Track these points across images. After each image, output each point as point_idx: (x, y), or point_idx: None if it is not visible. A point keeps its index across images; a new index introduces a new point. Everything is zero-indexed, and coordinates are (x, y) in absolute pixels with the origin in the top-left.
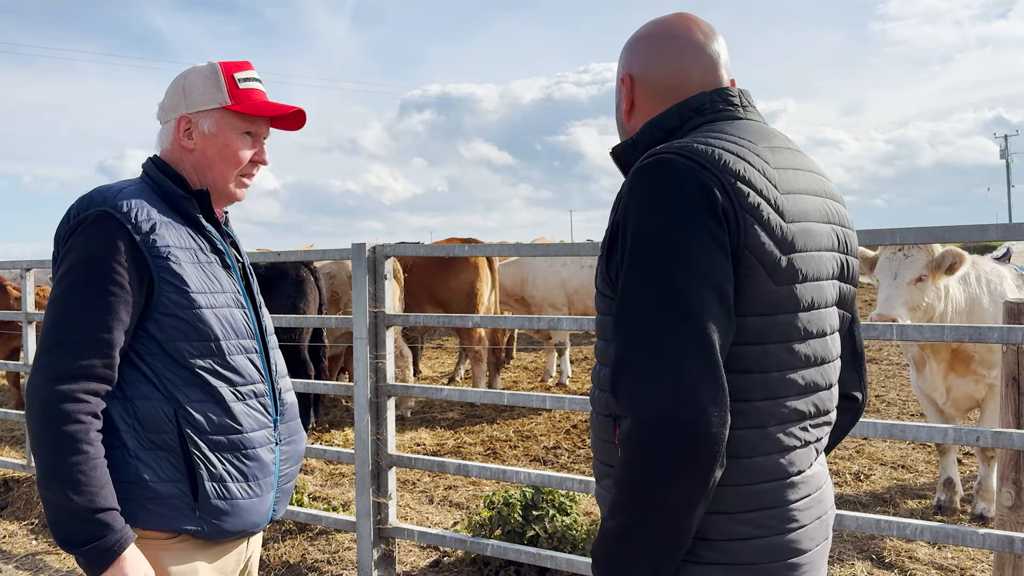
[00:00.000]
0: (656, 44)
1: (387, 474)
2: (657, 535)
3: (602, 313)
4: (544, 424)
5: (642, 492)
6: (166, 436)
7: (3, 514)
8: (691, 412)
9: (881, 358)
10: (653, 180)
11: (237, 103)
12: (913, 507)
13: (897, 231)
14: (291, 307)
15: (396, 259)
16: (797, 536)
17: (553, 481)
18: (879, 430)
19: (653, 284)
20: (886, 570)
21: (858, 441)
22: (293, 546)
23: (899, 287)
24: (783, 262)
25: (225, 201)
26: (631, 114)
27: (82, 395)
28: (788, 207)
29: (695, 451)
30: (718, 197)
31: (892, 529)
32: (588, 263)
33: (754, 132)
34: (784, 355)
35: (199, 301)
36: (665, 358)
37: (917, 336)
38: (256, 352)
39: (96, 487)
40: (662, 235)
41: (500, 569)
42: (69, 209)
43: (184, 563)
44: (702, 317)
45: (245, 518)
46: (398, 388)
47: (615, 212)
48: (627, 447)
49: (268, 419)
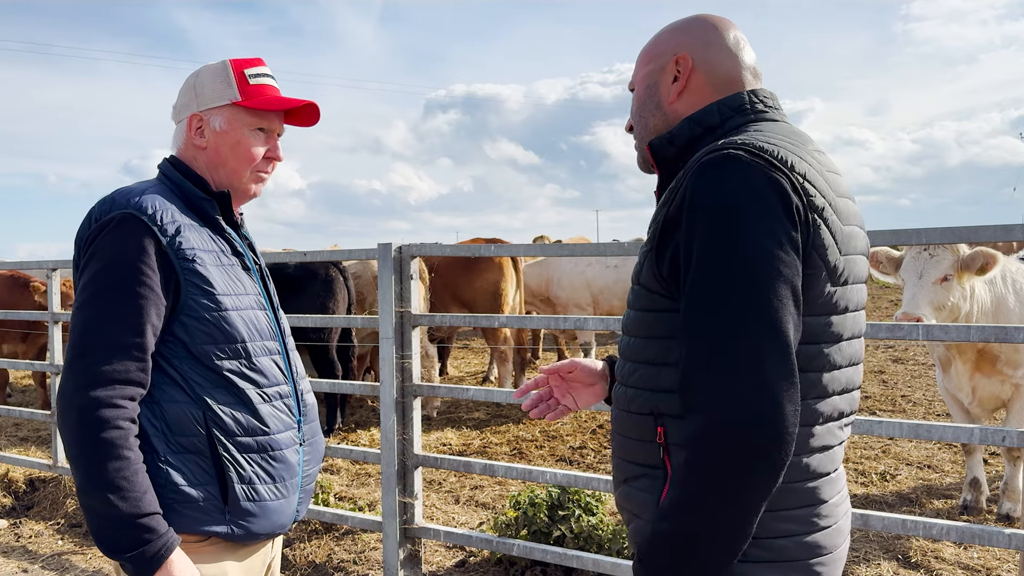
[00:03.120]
0: (717, 33)
1: (413, 474)
2: (724, 535)
3: (642, 310)
4: (570, 424)
5: (713, 491)
6: (195, 439)
7: (29, 514)
8: (770, 410)
9: (907, 358)
10: (725, 175)
11: (247, 98)
12: (939, 507)
13: (923, 231)
14: (320, 307)
15: (421, 259)
16: (833, 532)
17: (579, 481)
18: (905, 430)
19: (730, 281)
20: (912, 570)
21: (884, 441)
22: (319, 546)
23: (924, 287)
24: (840, 264)
25: (241, 198)
26: (680, 99)
27: (119, 400)
28: (840, 209)
29: (773, 449)
30: (791, 196)
31: (918, 529)
32: (614, 263)
33: (794, 134)
34: (834, 355)
35: (225, 303)
36: (744, 356)
37: (943, 336)
38: (279, 353)
39: (139, 492)
40: (739, 231)
41: (526, 569)
42: (90, 212)
43: (214, 565)
44: (781, 315)
45: (273, 519)
46: (424, 388)
47: (668, 205)
48: (699, 446)
49: (293, 420)
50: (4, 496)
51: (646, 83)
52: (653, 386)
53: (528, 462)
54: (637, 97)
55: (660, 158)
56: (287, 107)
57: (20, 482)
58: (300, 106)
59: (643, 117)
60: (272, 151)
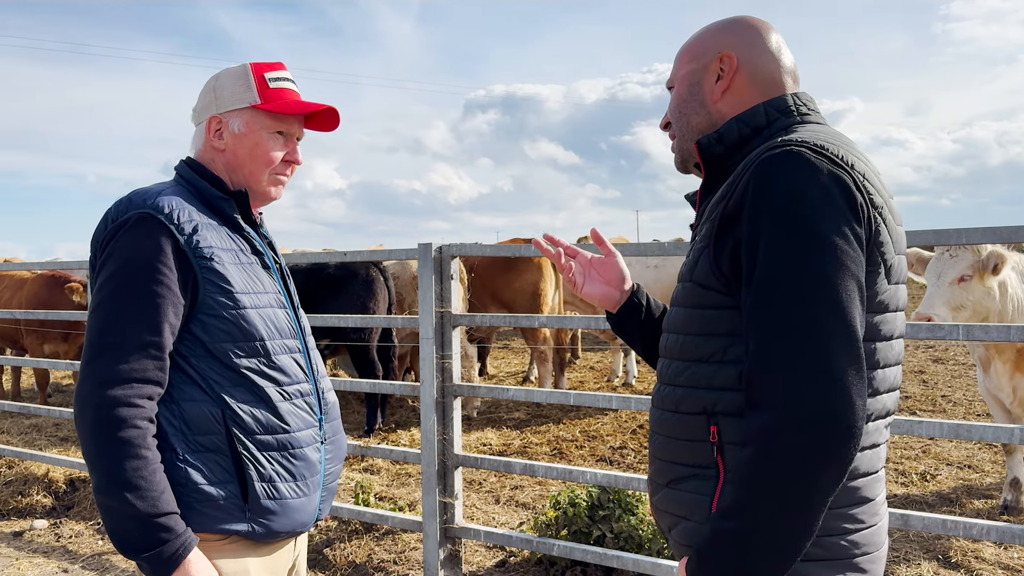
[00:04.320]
0: (759, 34)
1: (453, 474)
2: (791, 533)
3: (695, 307)
4: (610, 424)
5: (781, 488)
6: (214, 438)
7: (69, 514)
8: (841, 405)
9: (947, 358)
10: (790, 171)
11: (266, 102)
12: (979, 507)
13: (964, 231)
14: (361, 307)
15: (460, 260)
16: (879, 529)
17: (619, 481)
18: (945, 430)
19: (798, 276)
20: (952, 570)
21: (924, 441)
22: (359, 546)
23: (941, 287)
24: (895, 262)
25: (260, 201)
26: (723, 98)
27: (136, 400)
28: (893, 209)
29: (843, 445)
30: (855, 193)
31: (958, 529)
32: (654, 263)
33: (840, 136)
34: (886, 353)
35: (244, 302)
36: (814, 351)
37: (983, 336)
38: (300, 352)
39: (157, 492)
40: (806, 226)
41: (566, 569)
42: (107, 212)
43: (236, 563)
44: (850, 310)
45: (294, 518)
46: (464, 388)
47: (726, 201)
48: (767, 442)
49: (314, 418)
50: (44, 496)
51: (688, 81)
52: (707, 385)
53: (568, 462)
54: (677, 95)
55: (708, 157)
56: (306, 111)
57: (60, 482)
58: (320, 111)
59: (684, 115)
60: (291, 154)
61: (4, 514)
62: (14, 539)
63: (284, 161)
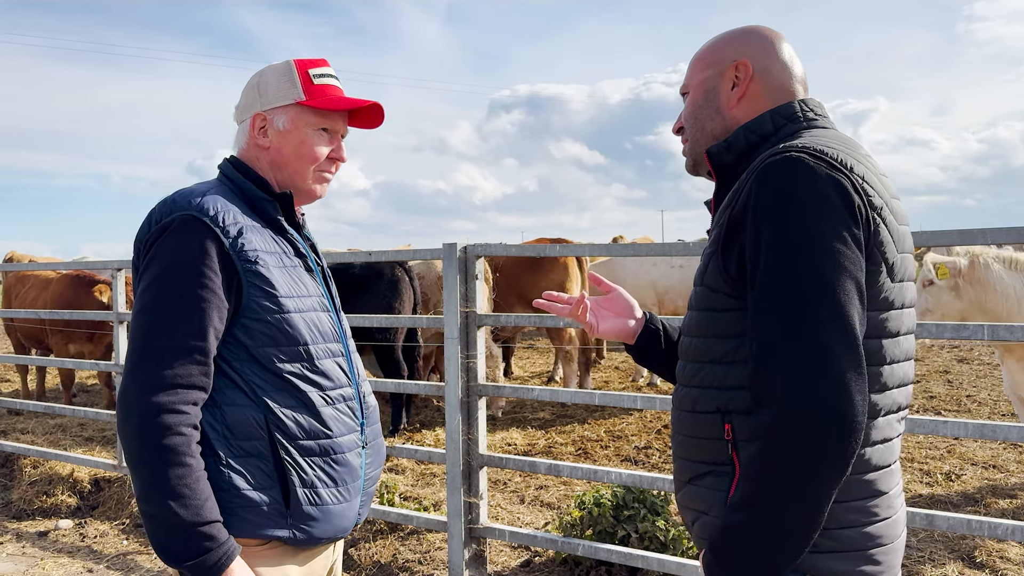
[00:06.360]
0: (773, 44)
1: (478, 474)
2: (797, 525)
3: (706, 310)
4: (635, 424)
5: (785, 482)
6: (257, 443)
7: (94, 514)
8: (841, 401)
9: (972, 358)
10: (789, 176)
11: (312, 98)
12: (1004, 507)
13: (988, 231)
14: (386, 307)
15: (485, 259)
16: (894, 522)
17: (644, 481)
18: (970, 430)
19: (797, 277)
20: (977, 570)
21: (949, 441)
22: (384, 546)
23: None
24: (898, 260)
25: (305, 199)
26: (739, 104)
27: (181, 406)
28: (895, 209)
29: (844, 440)
30: (852, 196)
31: (983, 529)
32: (679, 263)
33: (845, 139)
34: (893, 349)
35: (287, 305)
36: (813, 349)
37: (1008, 336)
38: (343, 355)
39: (201, 500)
40: (804, 228)
41: (591, 569)
42: (150, 213)
43: (276, 569)
44: (849, 310)
45: (335, 523)
46: (489, 388)
47: (732, 206)
48: (771, 438)
49: (356, 423)
50: (70, 496)
51: (704, 88)
52: (720, 384)
53: (593, 462)
54: (692, 101)
55: (718, 164)
56: (351, 107)
57: (85, 482)
58: (364, 107)
59: (699, 121)
60: (336, 152)
61: (29, 514)
62: (39, 539)
63: (329, 158)
